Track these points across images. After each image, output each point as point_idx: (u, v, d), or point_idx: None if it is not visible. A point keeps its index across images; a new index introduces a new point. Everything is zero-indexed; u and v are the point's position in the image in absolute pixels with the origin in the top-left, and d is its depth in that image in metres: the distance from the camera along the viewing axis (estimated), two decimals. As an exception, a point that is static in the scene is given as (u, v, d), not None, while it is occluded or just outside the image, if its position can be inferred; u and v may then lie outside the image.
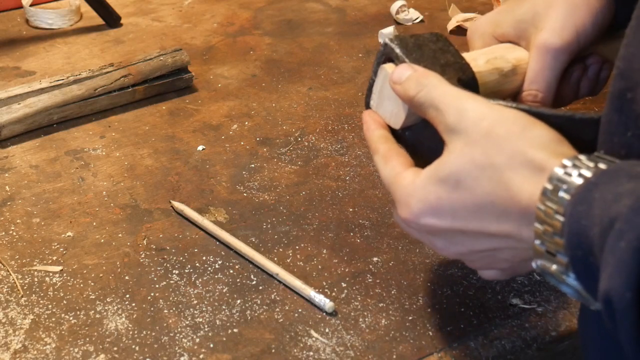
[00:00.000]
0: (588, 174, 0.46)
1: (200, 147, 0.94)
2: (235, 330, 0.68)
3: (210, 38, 1.19)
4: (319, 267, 0.75)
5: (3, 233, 0.79)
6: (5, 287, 0.72)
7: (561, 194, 0.47)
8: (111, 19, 1.22)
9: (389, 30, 1.17)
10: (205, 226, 0.79)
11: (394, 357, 0.66)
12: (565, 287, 0.48)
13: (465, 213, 0.53)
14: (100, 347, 0.66)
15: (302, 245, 0.78)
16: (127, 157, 0.92)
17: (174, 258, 0.76)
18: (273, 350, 0.66)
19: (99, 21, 1.22)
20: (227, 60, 1.13)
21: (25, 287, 0.72)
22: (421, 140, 0.61)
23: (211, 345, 0.67)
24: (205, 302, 0.71)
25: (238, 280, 0.74)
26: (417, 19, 1.23)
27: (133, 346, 0.66)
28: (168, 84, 1.03)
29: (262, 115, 1.00)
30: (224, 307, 0.71)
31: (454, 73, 0.61)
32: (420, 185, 0.54)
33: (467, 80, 0.61)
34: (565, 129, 0.53)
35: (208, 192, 0.86)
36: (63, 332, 0.68)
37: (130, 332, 0.68)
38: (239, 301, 0.71)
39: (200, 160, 0.91)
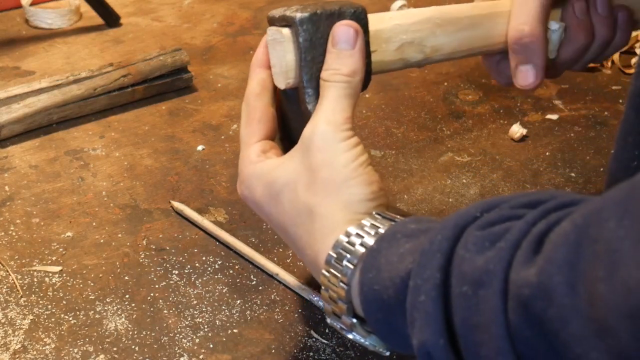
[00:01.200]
0: (370, 241, 0.49)
1: (200, 147, 0.93)
2: (235, 330, 0.68)
3: (210, 38, 1.19)
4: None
5: (2, 233, 0.79)
6: (5, 287, 0.72)
7: (345, 263, 0.49)
8: (111, 19, 1.22)
9: (400, 2, 1.18)
10: (205, 226, 0.79)
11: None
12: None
13: (275, 223, 0.56)
14: (100, 347, 0.66)
15: (302, 245, 0.78)
16: (127, 157, 0.91)
17: (174, 258, 0.76)
18: (273, 351, 0.66)
19: (99, 21, 1.22)
20: (227, 60, 1.13)
21: (24, 288, 0.72)
22: (290, 106, 0.60)
23: (211, 346, 0.66)
24: (205, 303, 0.71)
25: (238, 280, 0.73)
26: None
27: (133, 346, 0.66)
28: (168, 83, 1.03)
29: (262, 115, 1.00)
30: (223, 307, 0.70)
31: None
32: (256, 174, 0.56)
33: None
34: None
35: (208, 192, 0.86)
36: (62, 333, 0.67)
37: (130, 333, 0.68)
38: (239, 301, 0.71)
39: (200, 160, 0.91)
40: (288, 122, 0.62)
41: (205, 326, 0.68)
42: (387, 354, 0.51)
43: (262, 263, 0.74)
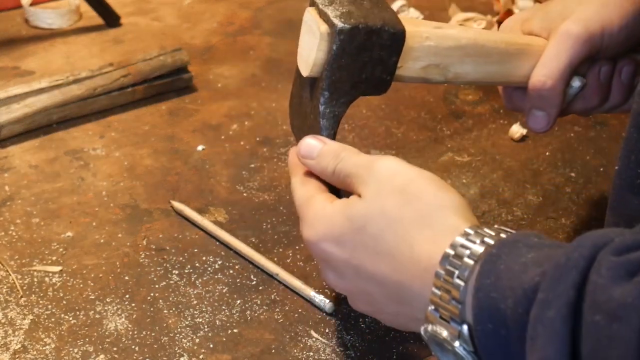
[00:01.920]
0: (490, 241, 0.47)
1: (200, 147, 0.93)
2: (235, 330, 0.68)
3: (210, 38, 1.19)
4: (319, 267, 0.75)
5: (2, 233, 0.79)
6: (5, 287, 0.72)
7: (465, 259, 0.47)
8: (111, 19, 1.22)
9: (400, 2, 1.19)
10: (205, 226, 0.79)
11: (394, 357, 0.66)
12: (449, 357, 0.49)
13: (365, 254, 0.52)
14: (100, 347, 0.66)
15: (302, 245, 0.78)
16: (127, 157, 0.91)
17: (174, 258, 0.76)
18: (273, 351, 0.66)
19: (99, 21, 1.22)
20: (227, 60, 1.13)
21: (24, 288, 0.72)
22: (303, 91, 0.60)
23: (211, 346, 0.66)
24: (205, 303, 0.71)
25: (238, 280, 0.73)
26: (417, 18, 1.23)
27: (133, 346, 0.66)
28: (168, 83, 1.03)
29: (262, 115, 1.00)
30: (223, 307, 0.70)
31: None
32: (330, 213, 0.54)
33: None
34: None
35: (208, 192, 0.86)
36: (63, 333, 0.67)
37: (130, 333, 0.68)
38: (239, 301, 0.71)
39: (200, 160, 0.91)
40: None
41: (205, 326, 0.68)
42: None
43: (262, 263, 0.74)
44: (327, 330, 0.68)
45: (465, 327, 0.47)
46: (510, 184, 0.88)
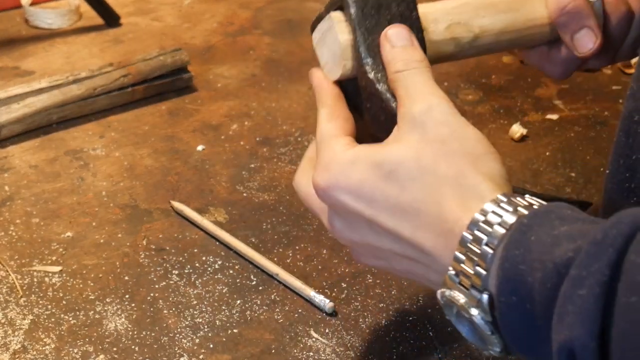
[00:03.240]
0: (523, 211, 0.45)
1: (200, 147, 0.93)
2: (235, 330, 0.68)
3: (210, 38, 1.19)
4: (319, 267, 0.75)
5: (2, 233, 0.79)
6: (5, 287, 0.72)
7: (496, 227, 0.44)
8: (111, 19, 1.22)
9: None
10: (205, 226, 0.79)
11: (394, 357, 0.66)
12: (464, 324, 0.47)
13: (384, 206, 0.49)
14: (100, 347, 0.66)
15: (302, 245, 0.78)
16: (127, 157, 0.91)
17: (174, 258, 0.76)
18: (273, 351, 0.66)
19: (99, 21, 1.22)
20: (227, 60, 1.13)
21: (24, 288, 0.72)
22: (351, 96, 0.59)
23: (211, 346, 0.66)
24: (205, 303, 0.71)
25: (238, 280, 0.73)
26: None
27: (133, 346, 0.66)
28: (168, 83, 1.03)
29: (262, 115, 1.00)
30: (223, 307, 0.70)
31: None
32: (351, 158, 0.51)
33: None
34: None
35: (208, 192, 0.86)
36: (62, 333, 0.67)
37: (130, 333, 0.68)
38: (238, 301, 0.71)
39: (200, 160, 0.91)
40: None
41: (205, 326, 0.68)
42: (498, 350, 0.46)
43: (262, 263, 0.74)
44: (327, 330, 0.68)
45: (485, 296, 0.45)
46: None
